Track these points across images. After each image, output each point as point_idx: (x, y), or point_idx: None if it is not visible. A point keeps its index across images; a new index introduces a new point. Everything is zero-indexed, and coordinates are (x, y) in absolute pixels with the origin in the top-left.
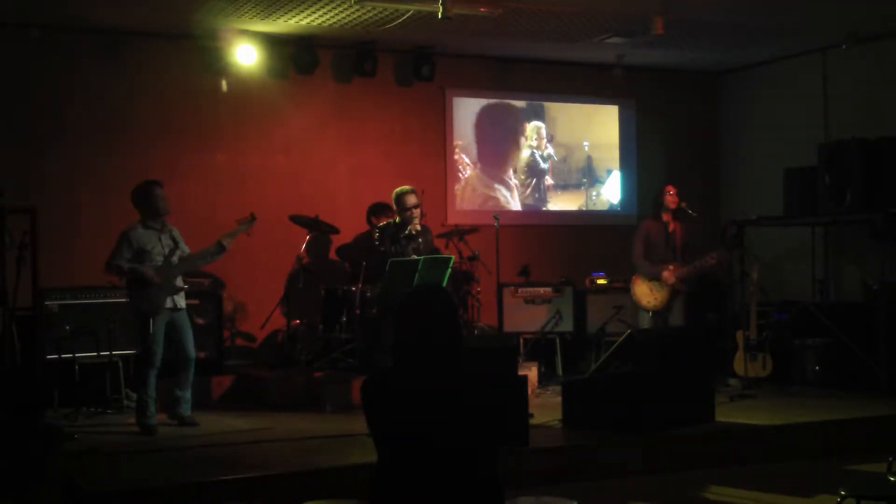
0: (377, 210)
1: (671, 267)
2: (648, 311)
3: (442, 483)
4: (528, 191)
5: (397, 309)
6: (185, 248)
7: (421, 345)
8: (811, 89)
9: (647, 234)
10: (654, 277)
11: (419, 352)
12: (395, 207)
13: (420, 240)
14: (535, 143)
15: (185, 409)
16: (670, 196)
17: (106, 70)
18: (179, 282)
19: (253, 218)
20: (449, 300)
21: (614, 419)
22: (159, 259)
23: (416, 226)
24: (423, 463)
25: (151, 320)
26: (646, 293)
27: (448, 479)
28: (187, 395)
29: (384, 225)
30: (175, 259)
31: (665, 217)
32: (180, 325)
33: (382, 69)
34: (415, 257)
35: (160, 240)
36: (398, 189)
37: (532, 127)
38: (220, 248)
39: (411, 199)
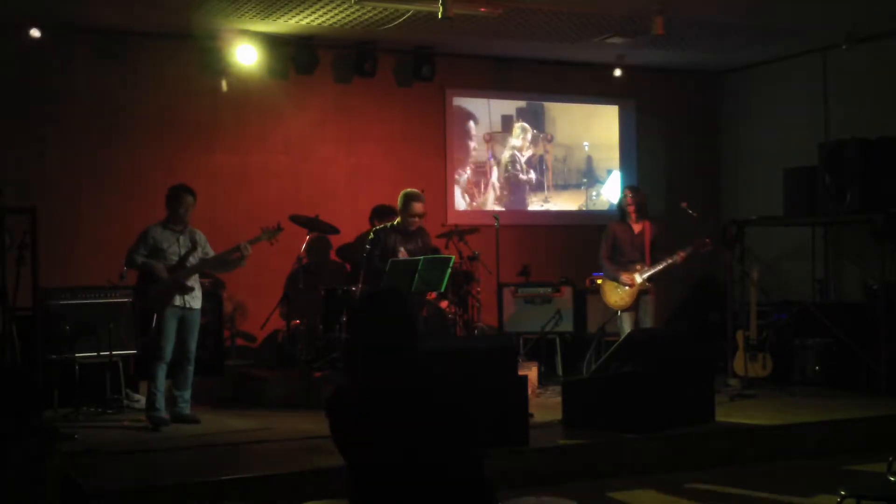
0: (381, 213)
1: (637, 267)
2: (618, 312)
3: (424, 488)
4: (506, 192)
5: (349, 319)
6: (208, 252)
7: (377, 352)
8: (811, 89)
9: (613, 237)
10: (615, 279)
11: (375, 360)
12: (398, 206)
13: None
14: (518, 144)
15: (185, 408)
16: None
17: (106, 70)
18: (192, 282)
19: (279, 228)
20: (399, 303)
21: (614, 419)
22: (174, 259)
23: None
24: (402, 470)
25: (159, 315)
26: (613, 292)
27: (430, 484)
28: (186, 394)
29: (380, 228)
30: (192, 260)
31: (631, 219)
32: (189, 324)
33: (382, 69)
34: (406, 258)
35: (178, 241)
36: (408, 190)
37: (517, 127)
38: (240, 254)
39: (418, 207)
